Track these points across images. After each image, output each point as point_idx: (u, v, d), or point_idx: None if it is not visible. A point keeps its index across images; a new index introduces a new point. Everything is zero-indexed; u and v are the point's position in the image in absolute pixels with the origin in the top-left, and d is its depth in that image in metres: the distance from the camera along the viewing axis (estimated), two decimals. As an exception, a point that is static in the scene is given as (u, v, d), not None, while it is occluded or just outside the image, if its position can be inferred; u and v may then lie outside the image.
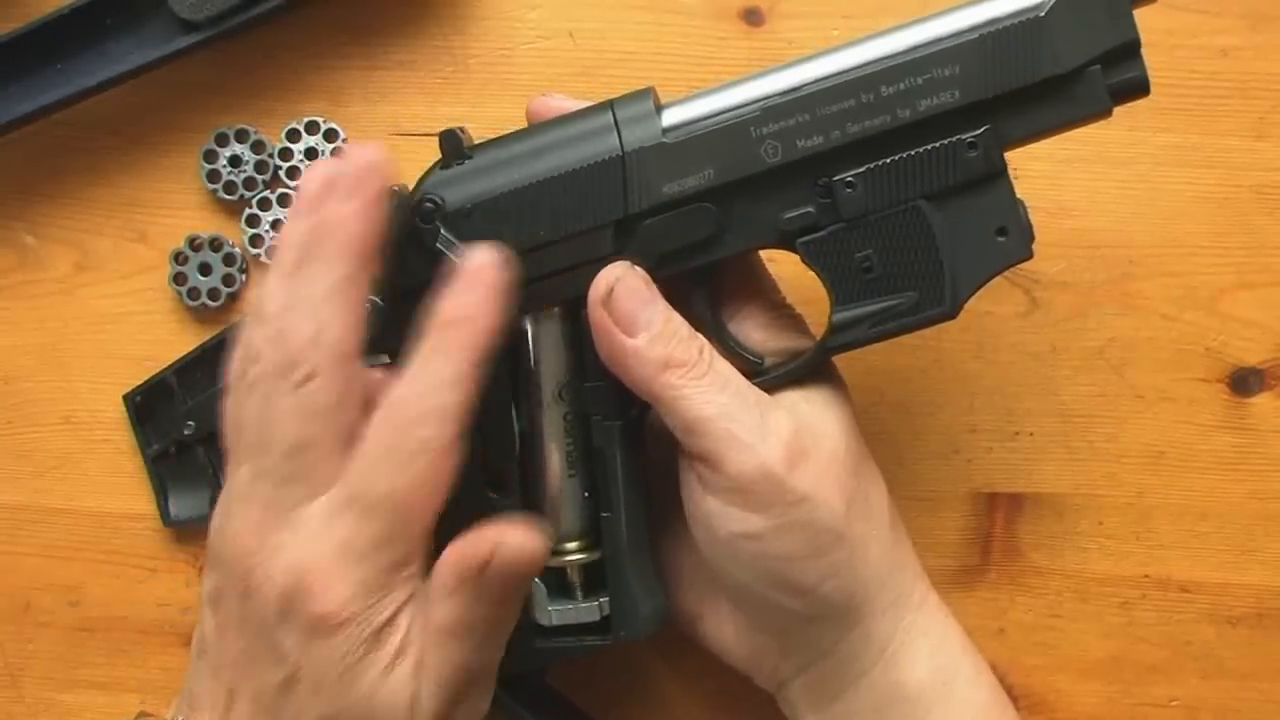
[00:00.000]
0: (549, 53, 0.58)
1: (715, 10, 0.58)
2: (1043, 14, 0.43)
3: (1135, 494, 0.57)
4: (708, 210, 0.45)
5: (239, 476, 0.43)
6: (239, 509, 0.42)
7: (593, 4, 0.58)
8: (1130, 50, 0.43)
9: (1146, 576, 0.57)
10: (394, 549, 0.41)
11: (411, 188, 0.47)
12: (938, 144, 0.44)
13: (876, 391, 0.57)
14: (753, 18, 0.58)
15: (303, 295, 0.42)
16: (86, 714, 0.60)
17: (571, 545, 0.48)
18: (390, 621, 0.41)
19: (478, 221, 0.46)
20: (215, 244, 0.58)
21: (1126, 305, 0.57)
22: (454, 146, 0.47)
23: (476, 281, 0.43)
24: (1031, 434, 0.57)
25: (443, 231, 0.46)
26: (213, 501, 0.57)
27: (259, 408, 0.42)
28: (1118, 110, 0.45)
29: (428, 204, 0.46)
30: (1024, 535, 0.57)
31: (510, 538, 0.41)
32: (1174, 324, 0.56)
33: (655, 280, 0.46)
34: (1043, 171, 0.46)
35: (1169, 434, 0.57)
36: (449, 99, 0.58)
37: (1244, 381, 0.56)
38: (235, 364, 0.44)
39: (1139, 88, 0.44)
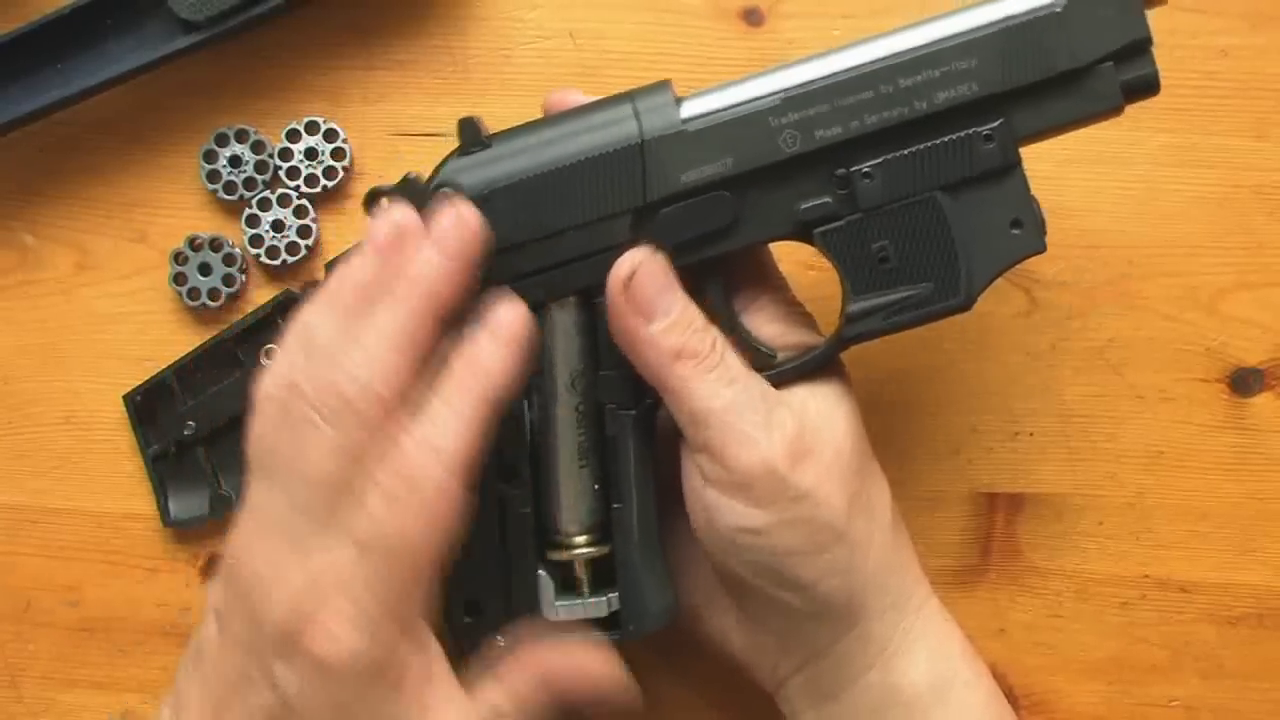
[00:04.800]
0: (549, 53, 0.58)
1: (715, 10, 0.58)
2: (1059, 10, 0.44)
3: (1135, 494, 0.57)
4: (725, 199, 0.46)
5: (264, 501, 0.43)
6: (258, 533, 0.42)
7: (593, 4, 0.58)
8: (1141, 48, 0.44)
9: (1146, 576, 0.57)
10: (394, 594, 0.41)
11: (427, 175, 0.47)
12: (954, 136, 0.45)
13: (877, 391, 0.57)
14: (753, 18, 0.58)
15: (363, 336, 0.42)
16: (86, 714, 0.60)
17: (580, 539, 0.48)
18: (386, 663, 0.41)
19: (495, 207, 0.46)
20: (215, 244, 0.58)
21: (1126, 305, 0.57)
22: (472, 133, 0.47)
23: (498, 335, 0.43)
24: (1031, 434, 0.57)
25: None
26: (212, 502, 0.58)
27: (297, 439, 0.42)
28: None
29: (445, 190, 0.46)
30: (1024, 535, 0.57)
31: (611, 681, 0.45)
32: (1174, 324, 0.56)
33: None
34: (1043, 171, 0.46)
35: (1169, 434, 0.57)
36: (449, 99, 0.58)
37: (1244, 381, 0.56)
38: (271, 387, 0.43)
39: (1149, 86, 0.45)
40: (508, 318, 0.44)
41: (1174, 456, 0.57)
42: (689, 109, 0.46)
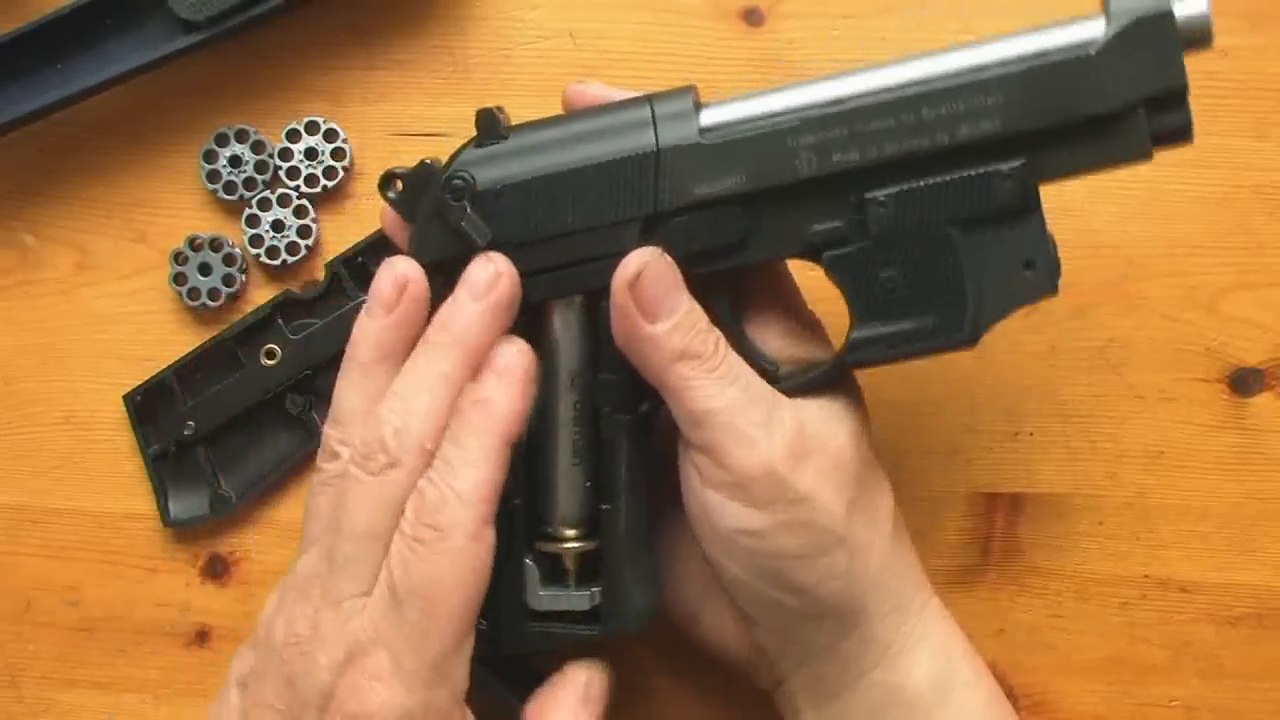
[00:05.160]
0: (549, 53, 0.58)
1: (715, 10, 0.58)
2: (1093, 52, 0.42)
3: (1135, 494, 0.57)
4: (737, 214, 0.45)
5: (302, 562, 0.44)
6: (296, 596, 0.43)
7: (593, 4, 0.58)
8: (1177, 96, 0.42)
9: (1146, 576, 0.57)
10: (432, 645, 0.41)
11: (444, 161, 0.47)
12: (973, 172, 0.43)
13: (876, 391, 0.56)
14: (753, 18, 0.58)
15: (397, 386, 0.44)
16: (86, 714, 0.60)
17: (569, 533, 0.48)
18: (426, 715, 0.42)
19: (507, 203, 0.46)
20: (215, 244, 0.58)
21: (1126, 305, 0.57)
22: (490, 125, 0.47)
23: (505, 376, 0.45)
24: (1031, 434, 0.57)
25: (470, 212, 0.46)
26: (212, 502, 0.58)
27: (333, 499, 0.44)
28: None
29: (458, 180, 0.46)
30: (1024, 535, 0.57)
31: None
32: (1174, 324, 0.56)
33: None
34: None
35: (1169, 434, 0.57)
36: (449, 99, 0.58)
37: (1244, 381, 0.56)
38: (317, 464, 0.46)
39: (1182, 135, 0.43)
40: (511, 358, 0.45)
41: (1174, 456, 0.57)
42: (708, 118, 0.46)
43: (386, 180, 0.48)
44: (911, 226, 0.44)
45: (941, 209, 0.44)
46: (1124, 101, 0.42)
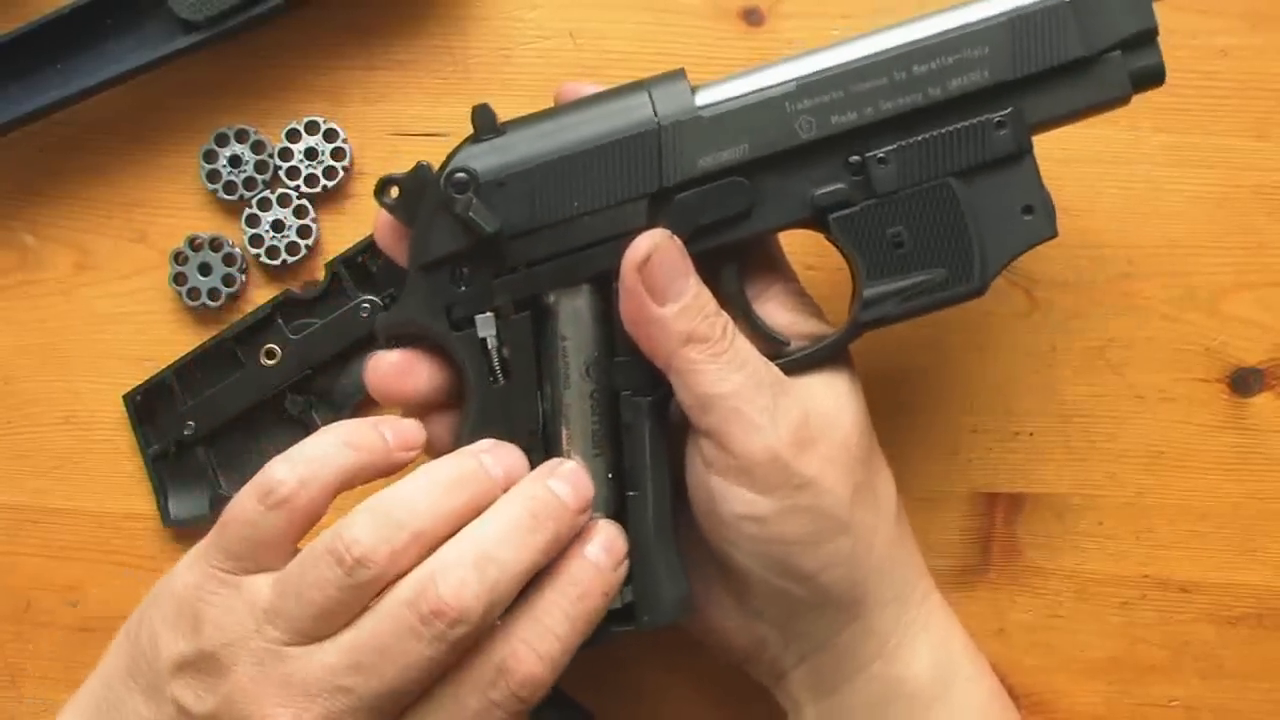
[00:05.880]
0: (549, 53, 0.58)
1: (715, 10, 0.58)
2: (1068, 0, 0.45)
3: (1135, 494, 0.57)
4: (742, 185, 0.46)
5: (294, 656, 0.41)
6: (280, 687, 0.41)
7: (593, 4, 0.58)
8: (1148, 38, 0.45)
9: (1146, 576, 0.57)
10: None
11: (441, 162, 0.47)
12: (967, 122, 0.45)
13: (877, 391, 0.56)
14: (753, 18, 0.58)
15: (498, 555, 0.41)
16: (86, 714, 0.60)
17: None
18: None
19: (511, 193, 0.46)
20: (215, 244, 0.58)
21: (1126, 305, 0.57)
22: (486, 120, 0.47)
23: (609, 556, 0.45)
24: (1031, 434, 0.57)
25: (476, 202, 0.46)
26: (212, 502, 0.58)
27: (370, 624, 0.41)
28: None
29: (460, 175, 0.46)
30: (1024, 535, 0.57)
31: None
32: (1174, 324, 0.56)
33: None
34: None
35: (1169, 434, 0.57)
36: (449, 99, 0.58)
37: (1244, 381, 0.56)
38: (331, 544, 0.41)
39: (1155, 75, 0.46)
40: (611, 537, 0.45)
41: (1174, 456, 0.57)
42: (704, 96, 0.46)
43: (382, 186, 0.47)
44: (913, 181, 0.46)
45: (941, 161, 0.46)
46: (1101, 45, 0.45)
